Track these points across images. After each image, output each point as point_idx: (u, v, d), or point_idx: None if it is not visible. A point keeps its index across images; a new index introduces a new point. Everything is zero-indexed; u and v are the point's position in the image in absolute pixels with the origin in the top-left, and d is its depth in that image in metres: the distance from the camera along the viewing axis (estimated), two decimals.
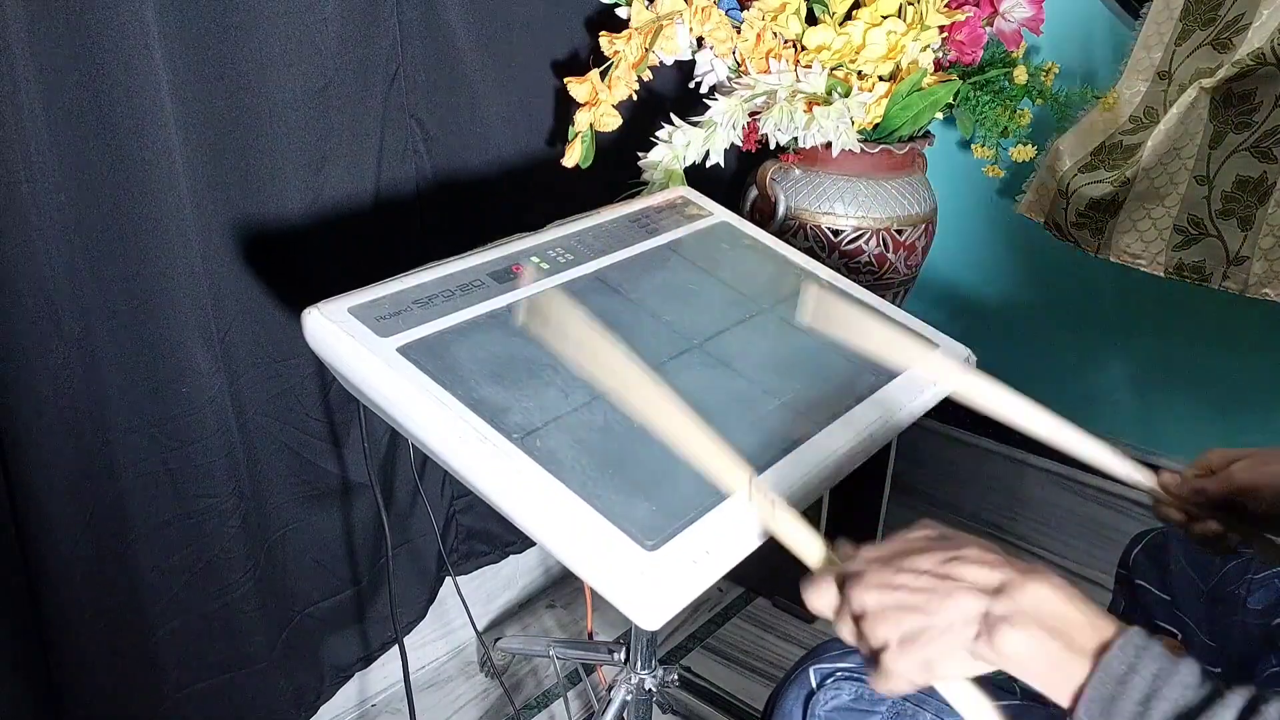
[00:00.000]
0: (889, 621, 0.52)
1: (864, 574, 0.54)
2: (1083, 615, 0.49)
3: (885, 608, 0.52)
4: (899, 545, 0.55)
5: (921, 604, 0.51)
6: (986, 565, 0.52)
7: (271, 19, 0.91)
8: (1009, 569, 0.51)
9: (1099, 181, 1.35)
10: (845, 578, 0.55)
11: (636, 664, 1.15)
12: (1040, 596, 0.49)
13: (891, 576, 0.53)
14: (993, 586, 0.50)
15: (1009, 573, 0.51)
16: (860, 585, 0.53)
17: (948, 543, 0.54)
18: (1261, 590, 0.79)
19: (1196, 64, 1.28)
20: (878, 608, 0.52)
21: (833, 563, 0.58)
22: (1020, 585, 0.50)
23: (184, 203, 0.88)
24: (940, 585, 0.51)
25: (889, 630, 0.52)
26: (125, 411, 0.89)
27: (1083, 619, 0.49)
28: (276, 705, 1.11)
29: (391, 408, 0.71)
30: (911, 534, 0.56)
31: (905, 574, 0.53)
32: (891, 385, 0.83)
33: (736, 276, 0.93)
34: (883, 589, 0.53)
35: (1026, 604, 0.49)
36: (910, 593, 0.52)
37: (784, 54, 1.18)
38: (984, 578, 0.51)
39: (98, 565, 0.90)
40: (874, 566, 0.54)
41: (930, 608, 0.51)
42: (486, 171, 1.18)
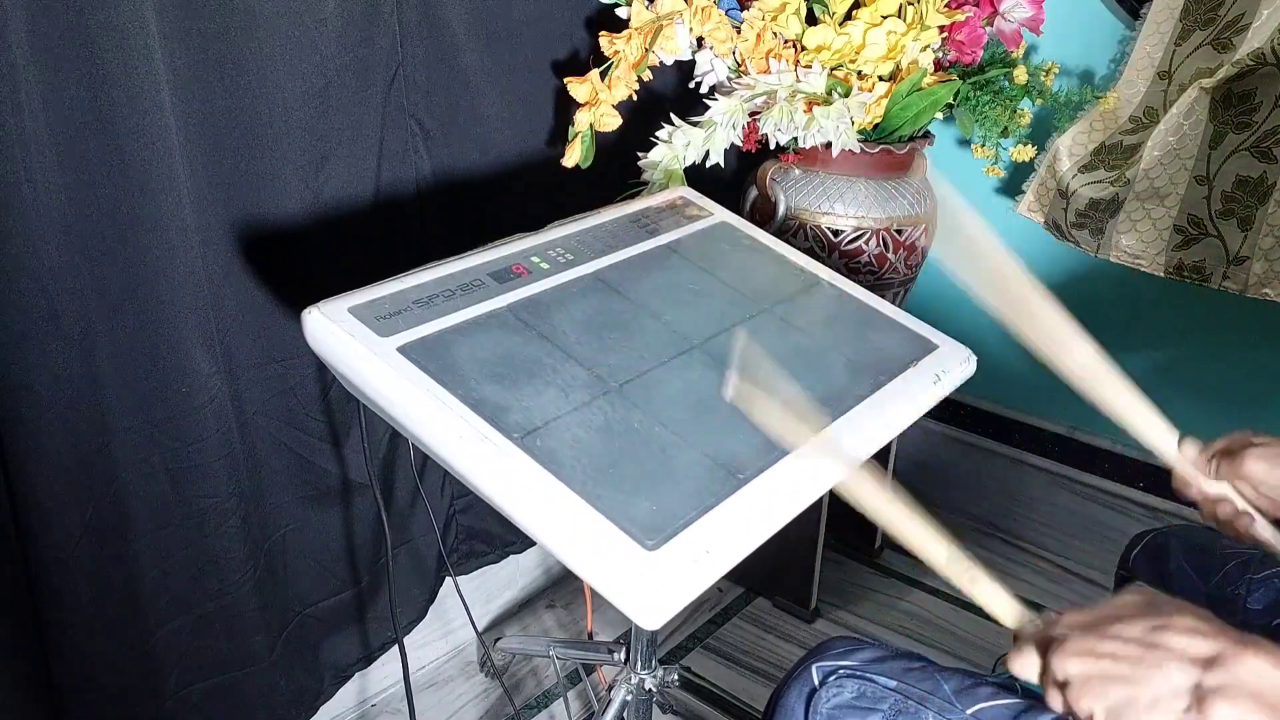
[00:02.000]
0: (1094, 691, 0.50)
1: (1068, 640, 0.52)
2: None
3: (1090, 677, 0.51)
4: (1106, 611, 0.54)
5: (1129, 674, 0.50)
6: (1199, 635, 0.50)
7: (271, 19, 0.91)
8: (1223, 639, 0.49)
9: (1099, 181, 1.35)
10: (1049, 643, 0.54)
11: (636, 664, 1.15)
12: (1256, 669, 0.48)
13: (1097, 644, 0.51)
14: (1204, 657, 0.49)
15: (1223, 644, 0.49)
16: (1064, 652, 0.52)
17: (1156, 610, 0.52)
18: (1261, 590, 0.79)
19: (1196, 64, 1.28)
20: (1082, 677, 0.51)
21: (1035, 626, 0.57)
22: (1235, 657, 0.48)
23: (184, 203, 0.88)
24: (1149, 655, 0.50)
25: (1094, 700, 0.50)
26: (125, 411, 0.89)
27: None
28: (276, 705, 1.11)
29: (392, 407, 0.71)
30: (1119, 599, 0.55)
31: (1112, 641, 0.51)
32: (892, 385, 0.83)
33: (736, 276, 0.93)
34: (1087, 657, 0.51)
35: (1242, 676, 0.48)
36: (1116, 661, 0.50)
37: (784, 54, 1.18)
38: (1195, 648, 0.49)
39: (98, 565, 0.90)
40: (1078, 633, 0.53)
41: (1138, 678, 0.49)
42: (486, 171, 1.18)
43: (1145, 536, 0.93)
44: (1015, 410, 1.68)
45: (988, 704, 0.68)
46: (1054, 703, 0.53)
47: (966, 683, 0.70)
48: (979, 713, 0.68)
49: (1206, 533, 0.93)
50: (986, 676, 0.72)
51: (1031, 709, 0.67)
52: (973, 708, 0.68)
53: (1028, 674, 0.55)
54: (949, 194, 0.74)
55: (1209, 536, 0.91)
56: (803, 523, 0.87)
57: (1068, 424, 1.62)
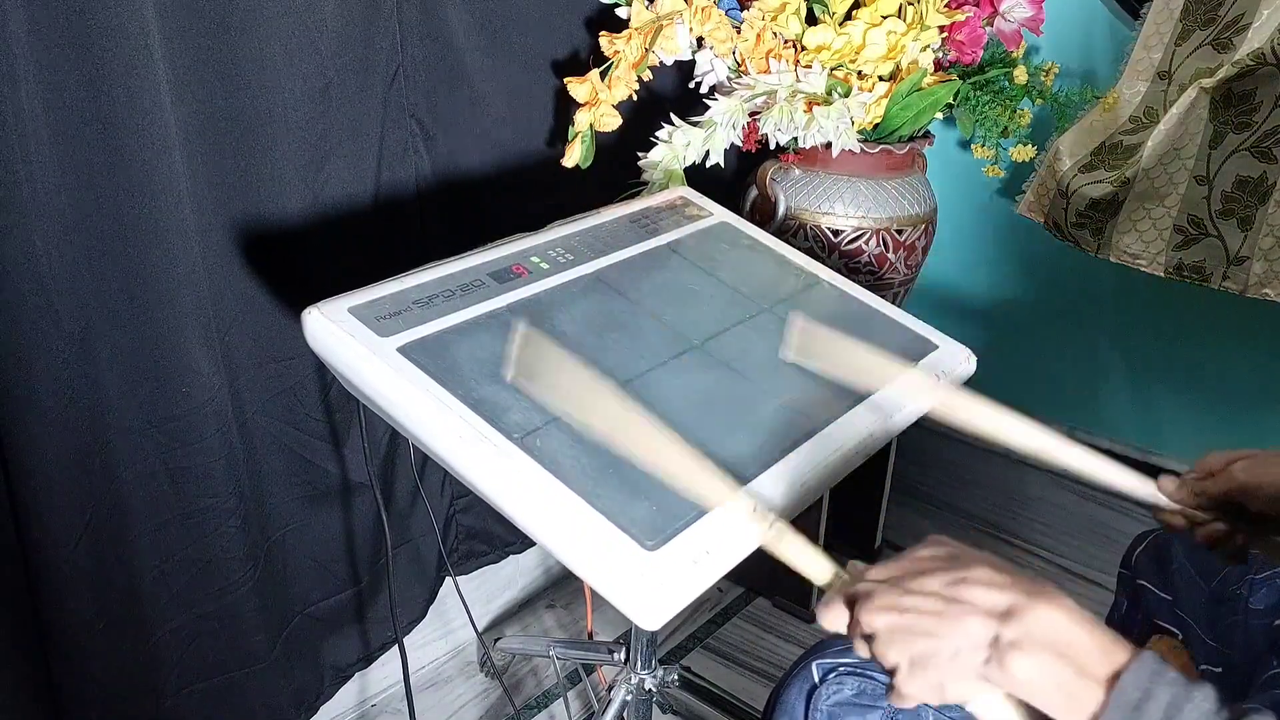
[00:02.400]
0: (898, 644, 0.51)
1: (873, 594, 0.53)
2: (1094, 640, 0.48)
3: (894, 630, 0.51)
4: (907, 564, 0.54)
5: (930, 627, 0.50)
6: (995, 587, 0.50)
7: (271, 19, 0.91)
8: (1018, 591, 0.50)
9: (1099, 181, 1.35)
10: (855, 598, 0.54)
11: (636, 664, 1.15)
12: (1050, 620, 0.48)
13: (899, 598, 0.52)
14: (1001, 609, 0.49)
15: (1018, 595, 0.50)
16: (869, 606, 0.53)
17: (956, 562, 0.53)
18: (1264, 590, 0.79)
19: (1196, 64, 1.28)
20: (887, 629, 0.52)
21: (842, 581, 0.57)
22: (1030, 609, 0.49)
23: (184, 203, 0.87)
24: (948, 608, 0.50)
25: (899, 653, 0.51)
26: (125, 411, 0.89)
27: (1094, 644, 0.48)
28: (276, 705, 1.11)
29: (391, 407, 0.71)
30: (920, 552, 0.55)
31: (913, 595, 0.52)
32: (892, 385, 0.83)
33: (736, 276, 0.93)
34: (891, 610, 0.52)
35: (1036, 628, 0.48)
36: (918, 615, 0.51)
37: (784, 54, 1.18)
38: (992, 600, 0.50)
39: (98, 565, 0.89)
40: (883, 587, 0.53)
41: (938, 631, 0.50)
42: (486, 171, 1.18)
43: (1147, 537, 0.93)
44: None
45: None
46: (861, 652, 0.54)
47: None
48: None
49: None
50: None
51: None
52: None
53: (836, 626, 0.56)
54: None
55: None
56: (803, 523, 0.87)
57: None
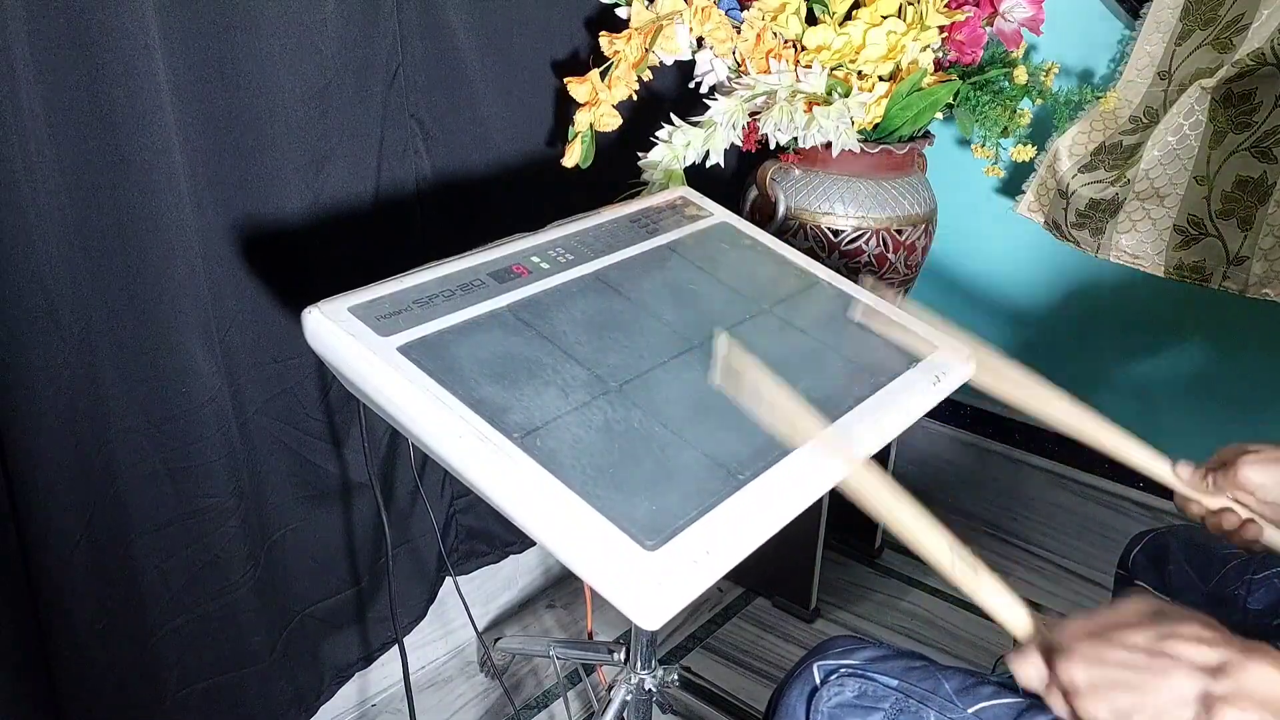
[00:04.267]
0: (1101, 699, 0.50)
1: (1074, 648, 0.53)
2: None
3: (1097, 685, 0.51)
4: (1111, 618, 0.54)
5: (1135, 682, 0.50)
6: (1205, 644, 0.50)
7: (271, 19, 0.91)
8: (1230, 648, 0.49)
9: (1099, 181, 1.35)
10: (1053, 650, 0.54)
11: (636, 664, 1.15)
12: (1263, 676, 0.48)
13: (1104, 651, 0.51)
14: (1212, 666, 0.49)
15: (1230, 652, 0.49)
16: (1070, 659, 0.52)
17: (1163, 618, 0.52)
18: (1262, 590, 0.79)
19: (1196, 64, 1.28)
20: (1089, 684, 0.51)
21: (1039, 632, 0.57)
22: (1242, 665, 0.48)
23: (184, 203, 0.88)
24: (1155, 663, 0.50)
25: (1100, 708, 0.50)
26: (125, 411, 0.89)
27: None
28: (276, 705, 1.11)
29: (392, 407, 0.71)
30: (1124, 606, 0.55)
31: (1118, 649, 0.51)
32: (892, 385, 0.83)
33: (736, 276, 0.93)
34: (1094, 664, 0.51)
35: (1249, 684, 0.48)
36: (1123, 669, 0.50)
37: (784, 54, 1.18)
38: (1202, 656, 0.49)
39: (98, 565, 0.89)
40: (1084, 640, 0.53)
41: (1145, 686, 0.49)
42: (486, 171, 1.18)
43: (1145, 536, 0.93)
44: (1015, 410, 1.68)
45: (989, 703, 0.68)
46: (1058, 709, 0.53)
47: (968, 682, 0.70)
48: (980, 712, 0.68)
49: (1206, 533, 0.93)
50: (987, 676, 0.72)
51: (1033, 708, 0.67)
52: (974, 707, 0.68)
53: (1032, 680, 0.55)
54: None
55: (1209, 536, 0.91)
56: (803, 523, 0.87)
57: None
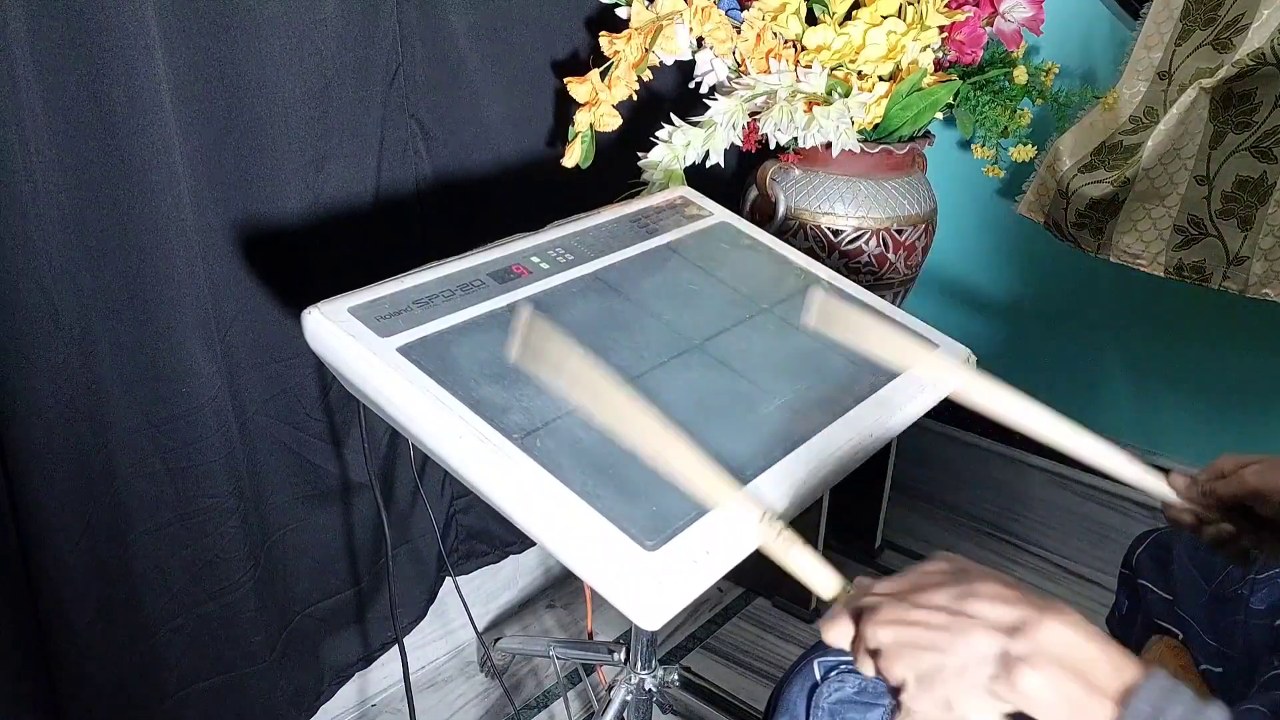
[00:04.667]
0: (904, 659, 0.51)
1: (878, 609, 0.53)
2: (1105, 655, 0.48)
3: (900, 645, 0.51)
4: (914, 579, 0.54)
5: (936, 642, 0.50)
6: (1003, 602, 0.50)
7: (271, 19, 0.91)
8: (1027, 606, 0.49)
9: (1099, 181, 1.35)
10: (860, 612, 0.54)
11: (636, 664, 1.15)
12: (1059, 635, 0.48)
13: (906, 612, 0.51)
14: (1009, 624, 0.49)
15: (1027, 610, 0.49)
16: (874, 621, 0.52)
17: (964, 577, 0.53)
18: (1265, 590, 0.79)
19: (1196, 64, 1.28)
20: (893, 645, 0.51)
21: (848, 595, 0.57)
22: (1038, 623, 0.48)
23: (184, 202, 0.88)
24: (955, 622, 0.50)
25: (904, 668, 0.51)
26: (125, 411, 0.89)
27: (1105, 659, 0.47)
28: (276, 705, 1.11)
29: (391, 408, 0.71)
30: (927, 566, 0.55)
31: (920, 610, 0.51)
32: (891, 385, 0.83)
33: (736, 276, 0.93)
34: (897, 625, 0.51)
35: (1045, 643, 0.48)
36: (924, 630, 0.50)
37: (784, 54, 1.18)
38: (1000, 615, 0.49)
39: (98, 565, 0.89)
40: (888, 601, 0.53)
41: (945, 646, 0.49)
42: (486, 171, 1.18)
43: (1148, 536, 0.93)
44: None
45: None
46: (865, 669, 0.53)
47: None
48: None
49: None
50: None
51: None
52: None
53: (840, 641, 0.55)
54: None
55: None
56: (803, 523, 0.87)
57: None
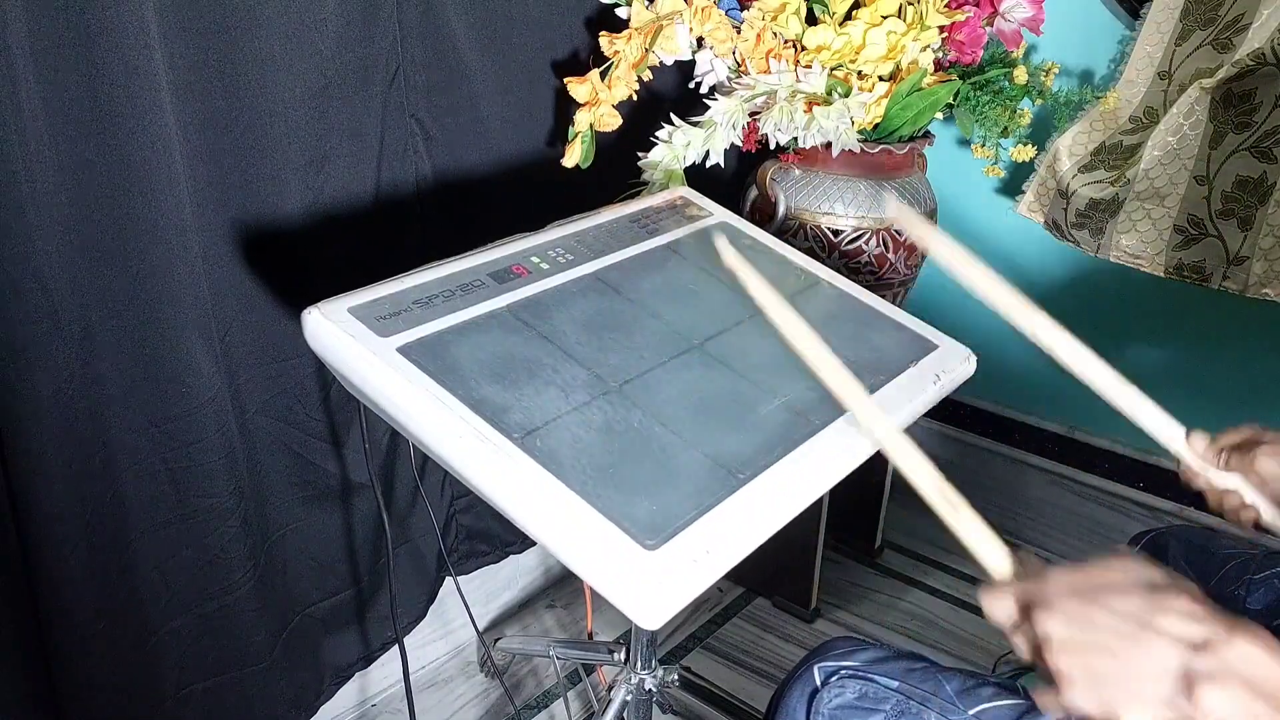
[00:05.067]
0: (1077, 656, 0.50)
1: (1056, 602, 0.52)
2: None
3: (1075, 642, 0.51)
4: (1099, 578, 0.53)
5: (1115, 647, 0.49)
6: (1192, 619, 0.49)
7: (271, 19, 0.91)
8: (1216, 625, 0.49)
9: (1099, 181, 1.35)
10: (1032, 597, 0.53)
11: (636, 664, 1.15)
12: (1248, 655, 0.47)
13: (1088, 611, 0.51)
14: (1196, 641, 0.48)
15: (1216, 629, 0.49)
16: (1051, 613, 0.52)
17: (1154, 589, 0.52)
18: (1261, 590, 0.79)
19: (1196, 64, 1.28)
20: (1068, 640, 0.51)
21: (1018, 574, 0.56)
22: (1227, 643, 0.48)
23: (184, 202, 0.88)
24: (1139, 633, 0.49)
25: (1075, 664, 0.50)
26: (125, 411, 0.89)
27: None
28: (276, 705, 1.11)
29: (392, 408, 0.71)
30: (1114, 566, 0.54)
31: (1104, 612, 0.51)
32: (892, 385, 0.83)
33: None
34: (1075, 622, 0.51)
35: (1233, 662, 0.47)
36: (1104, 633, 0.50)
37: (784, 54, 1.18)
38: (1188, 631, 0.49)
39: (98, 565, 0.89)
40: (1068, 595, 0.52)
41: (1124, 653, 0.49)
42: (486, 171, 1.18)
43: (1144, 536, 0.93)
44: (1015, 410, 1.68)
45: (990, 705, 0.68)
46: (1021, 652, 0.53)
47: (969, 683, 0.70)
48: (981, 713, 0.68)
49: (1205, 533, 0.93)
50: (988, 677, 0.72)
51: (1033, 710, 0.67)
52: (975, 708, 0.68)
53: (1001, 618, 0.55)
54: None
55: (1208, 536, 0.91)
56: (803, 523, 0.87)
57: (1068, 424, 1.62)
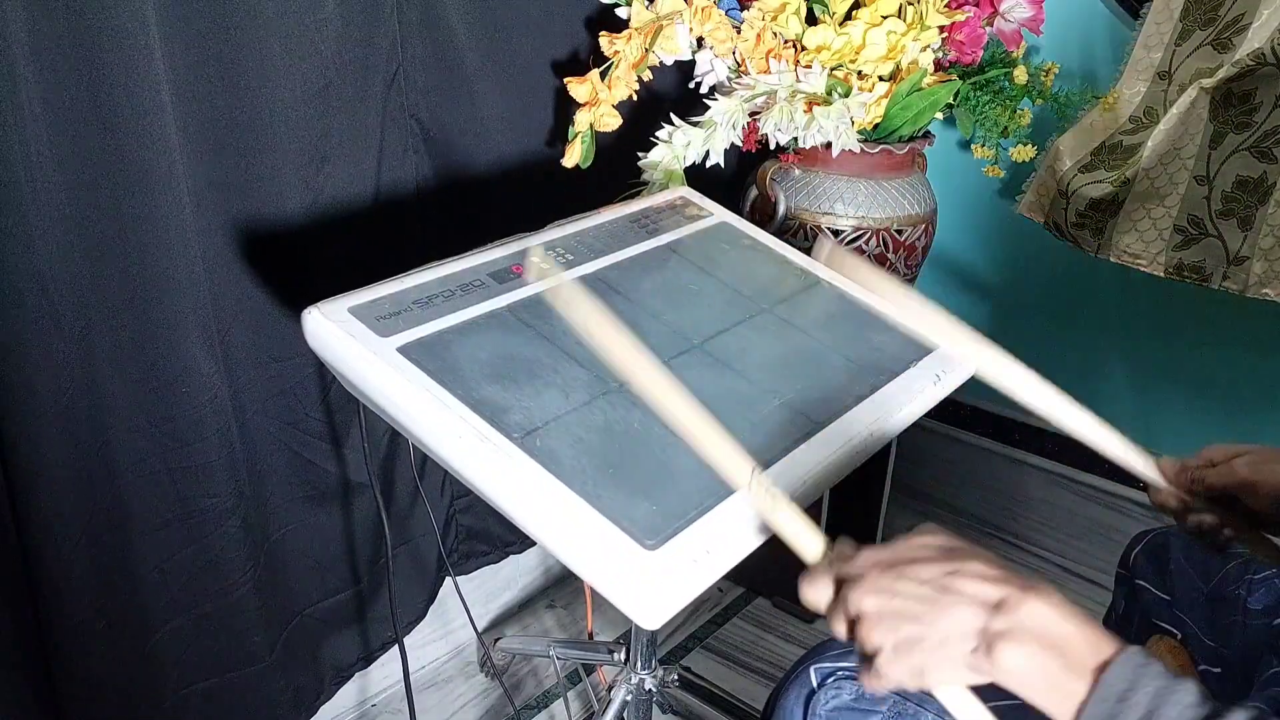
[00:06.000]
0: (885, 627, 0.52)
1: (864, 577, 0.54)
2: (1082, 633, 0.49)
3: (882, 613, 0.53)
4: (901, 551, 0.55)
5: (919, 613, 0.52)
6: (988, 580, 0.52)
7: (271, 19, 0.91)
8: (1010, 585, 0.51)
9: (1099, 181, 1.35)
10: (844, 578, 0.55)
11: (636, 664, 1.15)
12: (1040, 613, 0.50)
13: (891, 582, 0.53)
14: (992, 601, 0.51)
15: (1010, 589, 0.51)
16: (859, 588, 0.54)
17: (951, 554, 0.54)
18: (1262, 590, 0.79)
19: (1196, 64, 1.28)
20: (875, 612, 0.53)
21: (831, 560, 0.58)
22: (1020, 601, 0.50)
23: (184, 202, 0.88)
24: (940, 597, 0.52)
25: (884, 635, 0.52)
26: (125, 411, 0.89)
27: (1082, 636, 0.49)
28: (276, 705, 1.11)
29: (392, 408, 0.71)
30: (915, 539, 0.56)
31: (905, 581, 0.53)
32: (892, 385, 0.83)
33: (736, 276, 0.93)
34: (881, 594, 0.53)
35: (1026, 620, 0.49)
36: (908, 601, 0.52)
37: (784, 54, 1.18)
38: (984, 592, 0.51)
39: (98, 565, 0.90)
40: (874, 570, 0.54)
41: (928, 618, 0.51)
42: (486, 171, 1.18)
43: (1145, 536, 0.93)
44: (1015, 410, 1.68)
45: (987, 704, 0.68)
46: (839, 633, 0.55)
47: None
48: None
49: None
50: None
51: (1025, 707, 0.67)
52: None
53: (818, 602, 0.56)
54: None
55: None
56: None
57: None
